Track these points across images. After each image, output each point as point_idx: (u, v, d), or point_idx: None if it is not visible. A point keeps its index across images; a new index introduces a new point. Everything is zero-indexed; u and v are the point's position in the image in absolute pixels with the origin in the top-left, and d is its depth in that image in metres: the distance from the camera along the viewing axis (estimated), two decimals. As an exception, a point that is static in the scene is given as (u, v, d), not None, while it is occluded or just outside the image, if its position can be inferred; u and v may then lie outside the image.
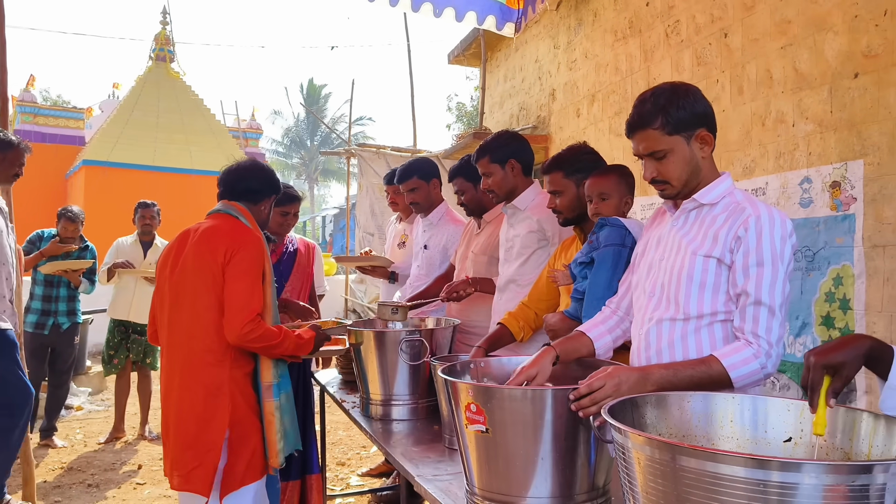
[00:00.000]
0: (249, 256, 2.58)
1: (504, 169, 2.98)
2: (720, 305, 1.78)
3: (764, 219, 1.73)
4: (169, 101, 17.40)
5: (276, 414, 2.63)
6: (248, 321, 2.51)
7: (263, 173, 2.83)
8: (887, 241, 2.96)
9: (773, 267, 1.71)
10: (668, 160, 1.81)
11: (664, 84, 1.85)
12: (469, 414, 1.71)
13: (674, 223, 1.91)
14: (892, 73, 2.97)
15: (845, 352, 1.31)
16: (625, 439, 1.22)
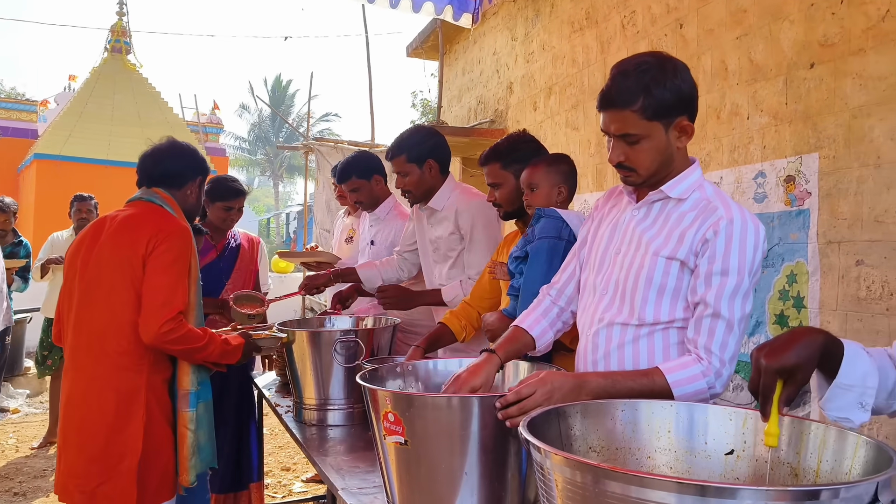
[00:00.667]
0: (175, 248, 2.34)
1: (422, 169, 2.83)
2: (679, 312, 1.61)
3: (737, 223, 1.54)
4: (125, 94, 16.98)
5: (191, 426, 2.39)
6: (168, 319, 2.26)
7: (184, 154, 2.58)
8: (842, 238, 2.86)
9: (738, 277, 1.53)
10: (640, 146, 1.59)
11: (649, 56, 1.60)
12: (387, 424, 1.55)
13: (634, 213, 1.71)
14: (848, 62, 2.88)
15: (798, 351, 1.16)
16: (543, 458, 1.06)
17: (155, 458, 2.33)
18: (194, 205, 2.61)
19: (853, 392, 1.22)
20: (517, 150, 2.40)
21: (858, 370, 1.22)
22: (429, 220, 2.97)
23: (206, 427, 2.45)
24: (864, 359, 1.24)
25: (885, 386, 1.27)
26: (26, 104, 19.60)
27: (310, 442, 2.50)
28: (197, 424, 2.40)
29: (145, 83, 17.98)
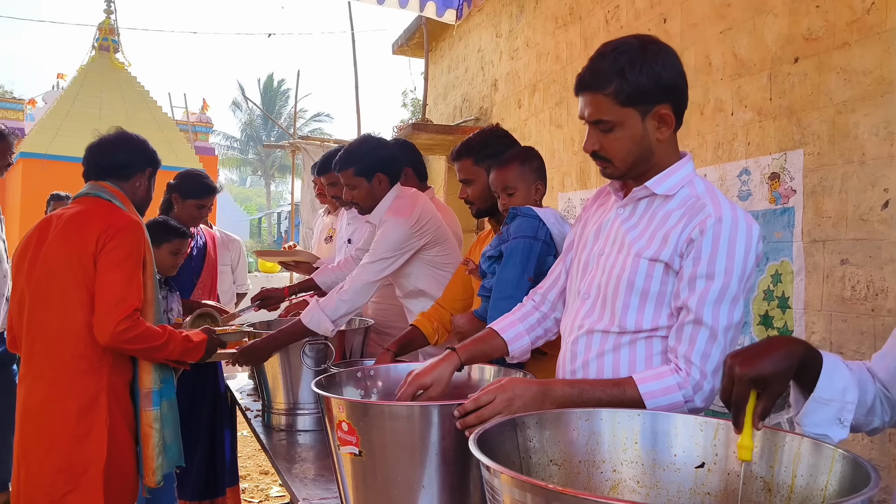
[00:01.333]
0: (127, 243, 2.26)
1: (371, 183, 2.72)
2: (663, 320, 1.47)
3: (726, 222, 1.40)
4: (113, 93, 16.83)
5: (156, 425, 2.32)
6: (124, 317, 2.18)
7: (133, 145, 2.49)
8: (827, 236, 2.79)
9: (724, 281, 1.38)
10: (614, 134, 1.47)
11: (633, 38, 1.49)
12: (341, 433, 1.46)
13: (619, 212, 1.58)
14: (832, 56, 2.81)
15: (774, 361, 1.07)
16: (491, 477, 0.97)
17: (118, 463, 2.26)
18: (143, 197, 2.52)
19: (831, 407, 1.13)
20: (489, 145, 2.31)
21: (837, 384, 1.13)
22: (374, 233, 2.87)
23: (172, 425, 2.39)
24: (843, 372, 1.15)
25: (864, 401, 1.18)
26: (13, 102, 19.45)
27: (276, 448, 2.42)
28: (162, 423, 2.33)
29: (134, 82, 17.85)
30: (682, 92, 1.48)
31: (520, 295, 1.93)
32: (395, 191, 2.76)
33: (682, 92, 1.48)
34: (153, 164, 2.53)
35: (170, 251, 3.11)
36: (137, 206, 2.48)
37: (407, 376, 1.62)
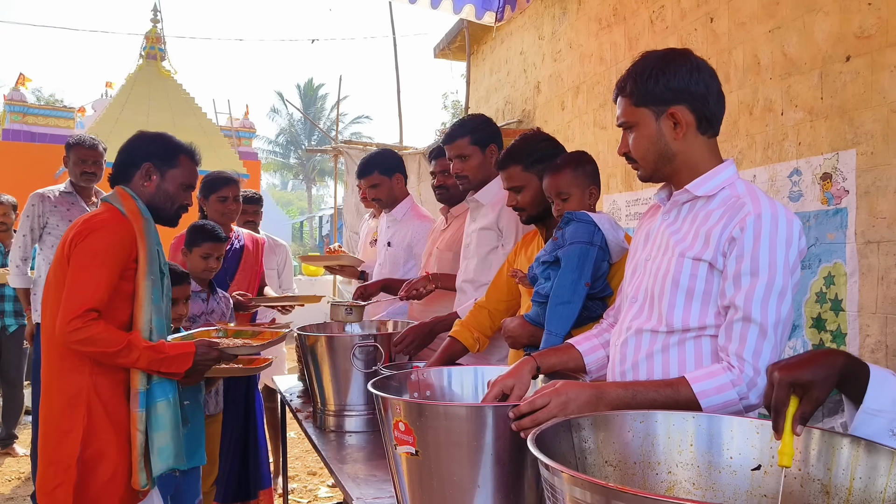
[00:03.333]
0: (97, 243, 2.20)
1: (484, 153, 2.75)
2: (710, 319, 1.49)
3: (765, 218, 1.42)
4: (160, 100, 17.26)
5: (140, 426, 2.26)
6: (74, 317, 2.12)
7: (127, 145, 2.42)
8: (881, 237, 2.74)
9: (769, 277, 1.40)
10: (633, 134, 1.57)
11: (662, 50, 1.59)
12: (398, 433, 1.49)
13: (664, 217, 1.63)
14: (886, 54, 2.76)
15: (815, 369, 1.08)
16: (551, 476, 1.00)
17: (97, 464, 2.23)
18: (154, 193, 2.40)
19: (881, 418, 1.13)
20: (537, 150, 2.33)
21: (887, 395, 1.13)
22: (472, 214, 2.88)
23: (168, 427, 2.31)
24: (893, 383, 1.15)
25: None
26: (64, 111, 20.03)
27: (328, 449, 2.46)
28: (149, 425, 2.27)
29: (179, 89, 18.27)
30: (700, 96, 1.52)
31: (577, 300, 1.95)
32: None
33: (700, 96, 1.52)
34: (152, 157, 2.39)
35: (200, 255, 3.18)
36: (155, 205, 2.40)
37: (489, 382, 1.65)
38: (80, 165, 4.10)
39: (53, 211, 4.05)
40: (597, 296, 2.06)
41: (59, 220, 4.05)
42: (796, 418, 1.07)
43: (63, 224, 4.04)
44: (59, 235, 3.99)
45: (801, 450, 1.14)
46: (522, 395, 1.60)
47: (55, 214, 4.05)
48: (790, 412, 1.07)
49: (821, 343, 2.98)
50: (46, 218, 4.05)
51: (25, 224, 4.06)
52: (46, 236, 4.05)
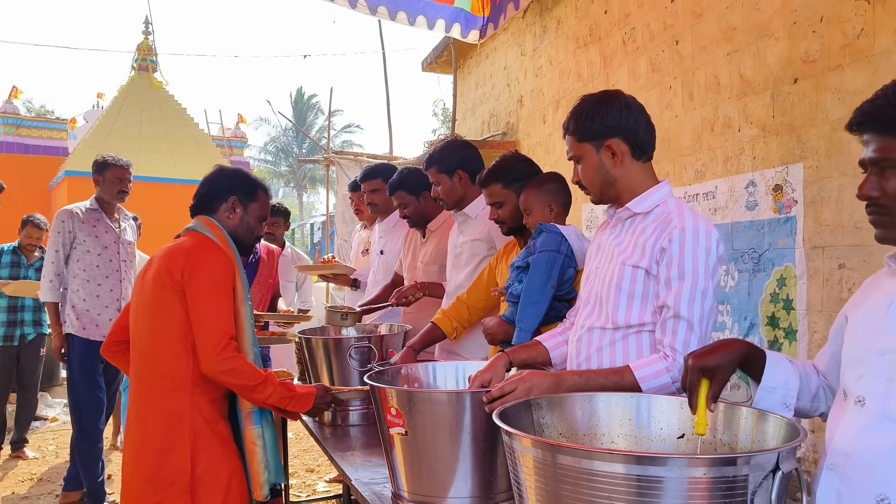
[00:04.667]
0: (215, 272, 2.37)
1: (452, 179, 3.04)
2: (648, 316, 1.79)
3: (689, 231, 1.72)
4: (152, 111, 17.43)
5: (258, 442, 2.44)
6: (222, 347, 2.29)
7: (215, 177, 2.60)
8: (826, 243, 3.03)
9: (693, 280, 1.70)
10: (582, 165, 1.87)
11: (597, 93, 1.90)
12: (390, 417, 1.77)
13: (611, 231, 1.93)
14: (828, 77, 3.05)
15: (721, 355, 1.37)
16: (511, 440, 1.27)
17: (212, 478, 2.35)
18: (237, 225, 2.56)
19: (777, 394, 1.42)
20: (515, 169, 2.62)
21: (780, 375, 1.42)
22: (459, 227, 3.16)
23: (272, 443, 2.49)
24: (785, 365, 1.44)
25: (808, 389, 1.46)
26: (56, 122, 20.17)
27: (328, 441, 2.73)
28: (265, 441, 2.45)
29: (172, 100, 18.42)
30: (631, 129, 1.82)
31: (544, 300, 2.24)
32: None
33: (631, 129, 1.82)
34: (236, 191, 2.56)
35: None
36: (236, 234, 2.54)
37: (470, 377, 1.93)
38: (118, 185, 4.29)
39: (81, 227, 4.24)
40: (563, 298, 2.35)
41: (86, 236, 4.24)
42: (709, 397, 1.36)
43: (90, 240, 4.24)
44: (85, 251, 4.21)
45: (715, 420, 1.43)
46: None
47: (82, 230, 4.24)
48: (702, 392, 1.35)
49: (775, 339, 3.28)
50: (75, 234, 4.23)
51: (57, 240, 4.21)
52: (73, 251, 4.22)
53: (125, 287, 4.31)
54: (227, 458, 2.39)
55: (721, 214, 3.65)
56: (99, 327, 4.17)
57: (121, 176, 4.30)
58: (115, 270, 4.27)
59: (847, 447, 1.23)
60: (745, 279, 3.46)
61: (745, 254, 3.46)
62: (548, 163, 5.54)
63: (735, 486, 1.10)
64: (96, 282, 4.21)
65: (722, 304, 3.60)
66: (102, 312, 4.21)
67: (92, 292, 4.20)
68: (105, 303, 4.22)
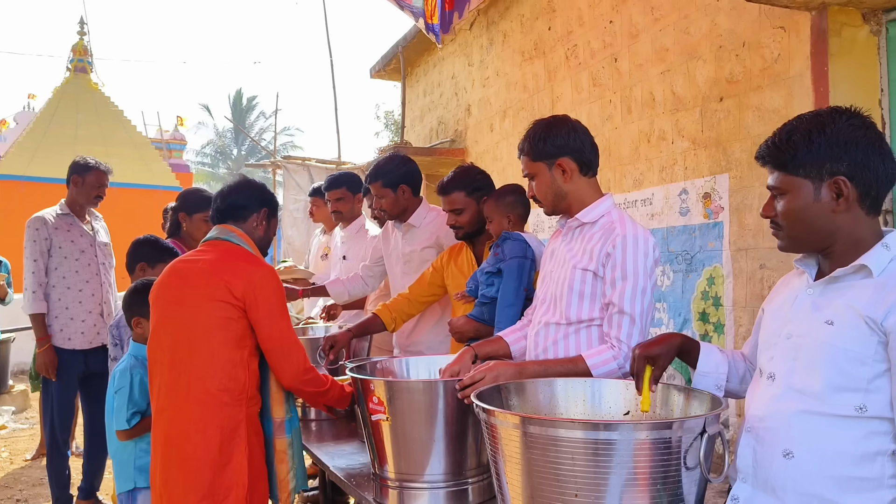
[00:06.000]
0: (276, 290, 2.42)
1: (395, 193, 3.24)
2: (596, 312, 2.05)
3: (629, 238, 2.00)
4: (88, 113, 17.05)
5: (289, 451, 2.48)
6: (305, 360, 2.41)
7: (249, 187, 2.64)
8: (749, 245, 3.38)
9: (634, 280, 1.97)
10: (536, 182, 2.14)
11: (547, 117, 2.17)
12: (372, 405, 1.99)
13: (563, 239, 2.19)
14: (749, 97, 3.40)
15: (662, 346, 1.66)
16: (488, 417, 1.52)
17: (256, 488, 2.39)
18: (262, 237, 2.62)
19: (710, 377, 1.71)
20: (476, 180, 2.86)
21: (712, 361, 1.72)
22: (404, 236, 3.37)
23: (300, 450, 2.55)
24: (716, 353, 1.73)
25: (737, 372, 1.75)
26: (-14, 124, 19.51)
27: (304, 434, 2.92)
28: (293, 449, 2.49)
29: (108, 102, 18.03)
30: (578, 149, 2.10)
31: (519, 302, 2.50)
32: (426, 202, 3.30)
33: (578, 149, 2.10)
34: (268, 204, 2.62)
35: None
36: (259, 244, 2.59)
37: (440, 370, 2.18)
38: (97, 189, 4.19)
39: (55, 233, 4.13)
40: (526, 297, 2.61)
41: (61, 242, 4.14)
42: (652, 379, 1.63)
43: (66, 245, 4.13)
44: (63, 257, 4.11)
45: (654, 399, 1.70)
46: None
47: (57, 236, 4.13)
48: (647, 375, 1.63)
49: (706, 333, 3.62)
50: (51, 240, 4.12)
51: (35, 250, 4.08)
52: (50, 259, 4.11)
53: (106, 290, 4.27)
54: (263, 471, 2.44)
55: (658, 220, 3.99)
56: (84, 334, 4.13)
57: (101, 181, 4.21)
58: (95, 274, 4.23)
59: (761, 413, 1.51)
60: (680, 279, 3.79)
61: (679, 255, 3.79)
62: (496, 169, 5.81)
63: (671, 447, 1.37)
64: (77, 287, 4.15)
65: (659, 301, 3.93)
66: (87, 318, 4.15)
67: (74, 299, 4.13)
68: (88, 308, 4.17)
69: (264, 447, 2.45)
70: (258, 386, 2.44)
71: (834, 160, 1.44)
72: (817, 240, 1.50)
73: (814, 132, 1.46)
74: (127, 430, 2.65)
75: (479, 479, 2.01)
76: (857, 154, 1.44)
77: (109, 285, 4.33)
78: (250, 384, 2.38)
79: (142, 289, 2.78)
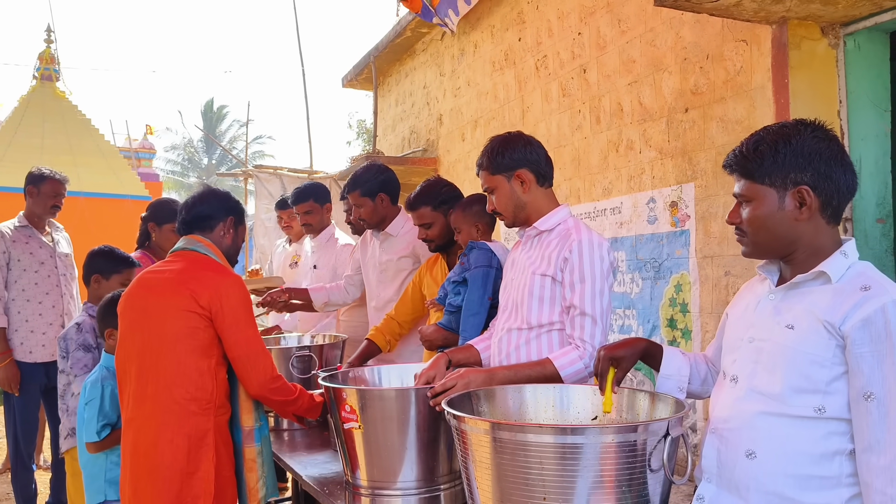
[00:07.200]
0: (242, 299, 2.42)
1: (374, 202, 3.26)
2: (555, 316, 2.13)
3: (584, 242, 2.09)
4: (55, 122, 16.76)
5: (258, 460, 2.47)
6: (273, 368, 2.40)
7: (214, 196, 2.62)
8: (714, 253, 3.45)
9: (592, 282, 2.06)
10: (496, 195, 2.21)
11: (502, 134, 2.26)
12: (345, 413, 2.00)
13: (522, 248, 2.28)
14: (713, 108, 3.48)
15: (626, 349, 1.71)
16: (458, 423, 1.54)
17: (224, 497, 2.39)
18: (230, 245, 2.61)
19: (672, 380, 1.75)
20: (441, 193, 2.90)
21: (674, 364, 1.76)
22: (381, 245, 3.39)
23: (270, 459, 2.54)
24: (678, 357, 1.78)
25: (698, 375, 1.80)
26: (-51, 132, 19.12)
27: (276, 444, 2.91)
28: (263, 457, 2.49)
29: (75, 111, 17.72)
30: (535, 161, 2.19)
31: (483, 311, 2.54)
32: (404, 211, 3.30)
33: (535, 161, 2.19)
34: (234, 212, 2.62)
35: (120, 282, 3.15)
36: (227, 253, 2.59)
37: (415, 375, 2.19)
38: (53, 199, 4.17)
39: (13, 246, 4.09)
40: (495, 304, 2.64)
41: (20, 255, 4.10)
42: (615, 381, 1.67)
43: (25, 258, 4.09)
44: (22, 270, 4.07)
45: (621, 402, 1.73)
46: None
47: (15, 249, 4.09)
48: (610, 377, 1.66)
49: (674, 339, 3.68)
50: (10, 253, 4.07)
51: None
52: (9, 272, 4.06)
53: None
54: (231, 480, 2.44)
55: (626, 228, 4.05)
56: (45, 347, 4.09)
57: (57, 190, 4.20)
58: (55, 286, 4.21)
59: (724, 415, 1.55)
60: (648, 286, 3.85)
61: (648, 263, 3.86)
62: (467, 178, 5.86)
63: (636, 449, 1.41)
64: (37, 300, 4.14)
65: (628, 308, 3.99)
66: (47, 330, 4.11)
67: (34, 311, 4.11)
68: (49, 320, 4.15)
69: (233, 456, 2.45)
70: (227, 395, 2.44)
71: (798, 170, 1.50)
72: (780, 246, 1.56)
73: (780, 143, 1.52)
74: (97, 442, 2.62)
75: (450, 486, 2.03)
76: (821, 165, 1.50)
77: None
78: (218, 393, 2.38)
79: (116, 300, 2.77)
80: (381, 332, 3.12)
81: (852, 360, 1.41)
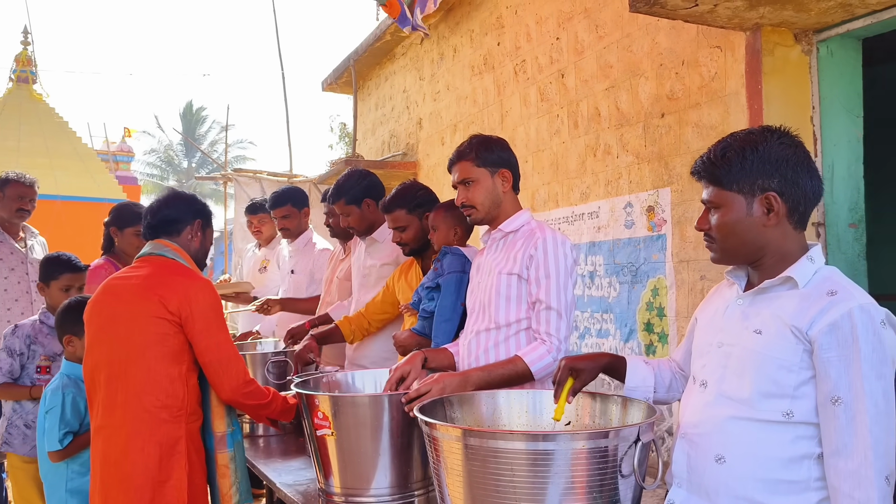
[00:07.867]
0: (212, 303, 2.40)
1: (360, 208, 3.25)
2: (522, 313, 2.20)
3: (549, 240, 2.17)
4: (31, 125, 16.57)
5: (231, 465, 2.46)
6: (245, 373, 2.39)
7: (179, 199, 2.59)
8: (690, 257, 3.47)
9: (556, 278, 2.14)
10: (475, 187, 2.25)
11: (486, 134, 2.34)
12: (317, 420, 1.99)
13: (488, 252, 2.34)
14: (689, 114, 3.51)
15: (587, 362, 1.74)
16: (430, 430, 1.53)
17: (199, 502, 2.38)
18: (198, 249, 2.58)
19: (638, 391, 1.78)
20: (417, 197, 2.89)
21: (638, 375, 1.79)
22: (367, 250, 3.37)
23: (243, 464, 2.52)
24: (641, 367, 1.80)
25: (663, 382, 1.82)
26: (-78, 135, 18.84)
27: (250, 451, 2.89)
28: (235, 463, 2.47)
29: (52, 113, 17.55)
30: (514, 165, 2.31)
31: (455, 317, 2.55)
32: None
33: (514, 165, 2.31)
34: (201, 215, 2.58)
35: (59, 288, 3.17)
36: (195, 257, 2.56)
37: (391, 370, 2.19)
38: (18, 202, 4.09)
39: None
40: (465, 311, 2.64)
41: None
42: (571, 391, 1.69)
43: None
44: None
45: (593, 408, 1.74)
46: (416, 378, 2.16)
47: None
48: (567, 386, 1.68)
49: (651, 343, 3.69)
50: None
51: None
52: None
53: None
54: (203, 487, 2.42)
55: (604, 232, 4.07)
56: None
57: (21, 193, 4.13)
58: (25, 292, 4.15)
59: (694, 420, 1.56)
60: (625, 290, 3.87)
61: (625, 267, 3.87)
62: (447, 182, 5.82)
63: (607, 455, 1.41)
64: (5, 306, 4.08)
65: (606, 312, 4.01)
66: None
67: (3, 317, 4.04)
68: None
69: (205, 462, 2.42)
70: (199, 401, 2.41)
71: (765, 177, 1.51)
72: (748, 252, 1.57)
73: (747, 149, 1.53)
74: (59, 450, 2.58)
75: (424, 492, 2.03)
76: (788, 171, 1.51)
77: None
78: (190, 399, 2.36)
79: (75, 306, 2.73)
80: (349, 322, 3.16)
81: (819, 365, 1.42)
